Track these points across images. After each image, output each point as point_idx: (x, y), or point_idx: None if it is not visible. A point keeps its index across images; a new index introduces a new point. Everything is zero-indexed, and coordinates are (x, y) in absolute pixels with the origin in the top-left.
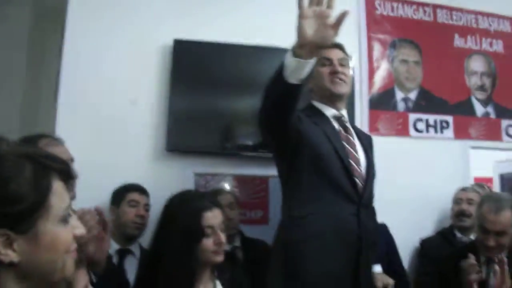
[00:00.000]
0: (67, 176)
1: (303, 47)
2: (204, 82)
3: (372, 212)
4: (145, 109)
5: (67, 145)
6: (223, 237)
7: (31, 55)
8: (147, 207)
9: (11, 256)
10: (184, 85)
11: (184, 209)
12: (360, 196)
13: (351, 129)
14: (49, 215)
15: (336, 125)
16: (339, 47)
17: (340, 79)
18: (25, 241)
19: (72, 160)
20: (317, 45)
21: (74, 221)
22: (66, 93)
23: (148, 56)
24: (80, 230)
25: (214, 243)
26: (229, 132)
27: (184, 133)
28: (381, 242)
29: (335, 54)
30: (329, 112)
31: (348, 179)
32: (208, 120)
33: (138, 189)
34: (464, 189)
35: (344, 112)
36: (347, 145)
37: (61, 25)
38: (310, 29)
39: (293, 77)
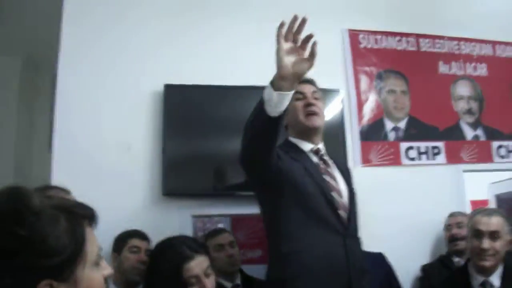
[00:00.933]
0: (94, 221)
1: (284, 79)
2: (196, 124)
3: (358, 241)
4: (140, 154)
5: None
6: (208, 282)
7: (22, 105)
8: (148, 252)
9: None
10: (177, 128)
11: (165, 262)
12: (345, 227)
13: (329, 161)
14: (86, 262)
15: (314, 159)
16: (310, 82)
17: (314, 112)
18: (67, 287)
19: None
20: (298, 76)
21: (103, 263)
22: (60, 142)
23: (140, 102)
24: (109, 270)
25: None
26: (223, 172)
27: (180, 176)
28: (379, 271)
29: (307, 89)
30: (306, 146)
31: (332, 212)
32: (202, 162)
33: (139, 235)
34: (452, 215)
35: (321, 145)
36: (327, 178)
37: (52, 74)
38: (289, 61)
39: (274, 111)
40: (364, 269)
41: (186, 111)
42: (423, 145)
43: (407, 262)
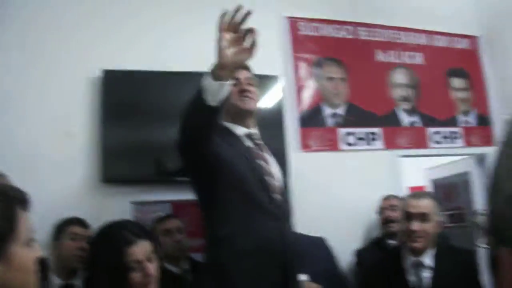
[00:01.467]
0: (26, 204)
1: (224, 68)
2: (135, 111)
3: (291, 224)
4: (78, 140)
5: None
6: (151, 267)
7: None
8: (88, 239)
9: None
10: (115, 115)
11: (106, 246)
12: (280, 210)
13: (263, 145)
14: (18, 240)
15: (248, 143)
16: (246, 68)
17: (248, 97)
18: (1, 265)
19: None
20: (236, 66)
21: (35, 245)
22: None
23: (78, 87)
24: (39, 252)
25: (142, 276)
26: (163, 159)
27: (119, 163)
28: (321, 255)
29: (242, 74)
30: (240, 130)
31: (266, 195)
32: (142, 149)
33: (78, 222)
34: (386, 198)
35: (254, 130)
36: (261, 162)
37: None
38: (229, 51)
39: (213, 99)
40: (299, 253)
41: (126, 97)
42: (361, 131)
43: (345, 246)
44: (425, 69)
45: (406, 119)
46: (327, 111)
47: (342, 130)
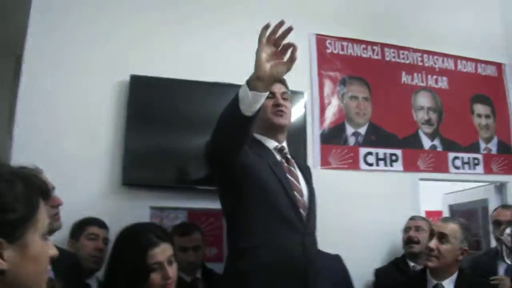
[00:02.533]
0: (48, 197)
1: (261, 80)
2: (160, 117)
3: (315, 240)
4: (102, 143)
5: None
6: (171, 271)
7: None
8: (106, 240)
9: (2, 264)
10: (140, 120)
11: (130, 247)
12: (304, 226)
13: (292, 160)
14: (37, 228)
15: (278, 156)
16: (282, 81)
17: (282, 111)
18: (15, 251)
19: (53, 188)
20: (274, 79)
21: (49, 242)
22: (21, 128)
23: (105, 91)
24: (54, 251)
25: (162, 278)
26: (184, 166)
27: (140, 167)
28: (335, 273)
29: (278, 88)
30: (271, 144)
31: (293, 210)
32: (163, 154)
33: (97, 222)
34: (412, 218)
35: (284, 144)
36: (290, 177)
37: (15, 58)
38: (268, 63)
39: (248, 110)
40: (319, 269)
41: (152, 103)
42: (381, 151)
43: (361, 266)
44: (449, 94)
45: (427, 142)
46: (349, 129)
47: (363, 150)
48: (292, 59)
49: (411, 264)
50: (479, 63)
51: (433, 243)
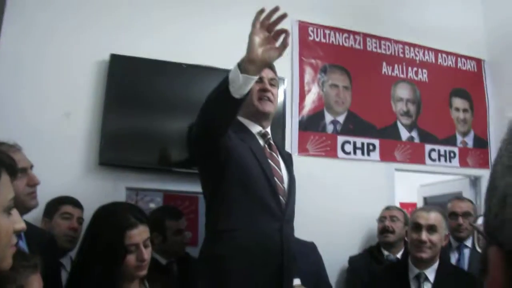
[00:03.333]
0: (13, 172)
1: (252, 63)
2: (139, 98)
3: (292, 227)
4: (79, 122)
5: None
6: (146, 253)
7: None
8: (80, 220)
9: None
10: (119, 100)
11: (108, 226)
12: (283, 212)
13: (274, 146)
14: None
15: (261, 141)
16: (271, 67)
17: (268, 98)
18: None
19: (32, 166)
20: (265, 63)
21: (16, 216)
22: None
23: (84, 70)
24: (21, 224)
25: (137, 259)
26: (162, 148)
27: (117, 147)
28: (309, 260)
29: (266, 73)
30: (255, 129)
31: (272, 196)
32: (141, 136)
33: (72, 201)
34: (388, 208)
35: (268, 130)
36: (271, 163)
37: None
38: (260, 48)
39: (237, 92)
40: (295, 255)
41: (131, 83)
42: (359, 140)
43: (335, 253)
44: (428, 86)
45: (405, 133)
46: (328, 117)
47: (341, 138)
48: (284, 45)
49: (386, 253)
50: (459, 58)
51: (424, 236)
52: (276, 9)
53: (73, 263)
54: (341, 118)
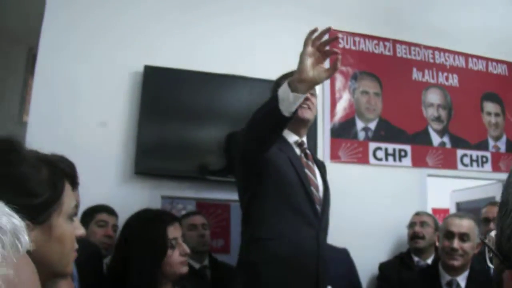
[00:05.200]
0: (74, 181)
1: (303, 82)
2: (173, 108)
3: (326, 236)
4: (115, 132)
5: None
6: (187, 247)
7: None
8: (115, 227)
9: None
10: (153, 110)
11: (149, 224)
12: (319, 221)
13: (310, 155)
14: (61, 211)
15: (297, 151)
16: None
17: (308, 106)
18: (40, 232)
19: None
20: (315, 83)
21: (76, 222)
22: (35, 115)
23: (119, 81)
24: (82, 230)
25: (180, 254)
26: (196, 156)
27: (152, 156)
28: (342, 266)
29: None
30: (291, 138)
31: (309, 205)
32: (176, 145)
33: (107, 209)
34: (417, 213)
35: (304, 139)
36: (308, 172)
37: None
38: (311, 68)
39: (285, 110)
40: (329, 265)
41: (164, 93)
42: (391, 146)
43: (366, 259)
44: (459, 91)
45: (436, 139)
46: (359, 124)
47: (372, 144)
48: (334, 68)
49: (416, 259)
50: (490, 61)
51: (457, 244)
52: (328, 29)
53: (109, 267)
54: (372, 125)
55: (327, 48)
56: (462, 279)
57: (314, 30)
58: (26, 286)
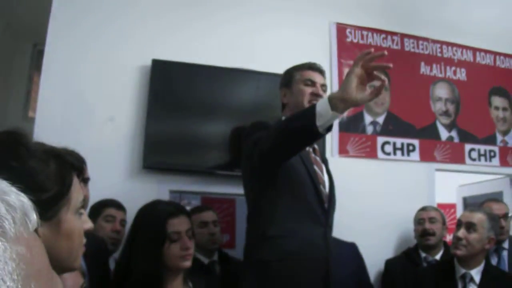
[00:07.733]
0: (83, 174)
1: (344, 102)
2: (181, 102)
3: (331, 232)
4: (123, 126)
5: None
6: (190, 243)
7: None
8: (123, 222)
9: None
10: (161, 104)
11: (150, 216)
12: (326, 219)
13: (318, 150)
14: (70, 206)
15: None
16: (323, 73)
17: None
18: (48, 227)
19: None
20: (355, 103)
21: (84, 216)
22: (42, 110)
23: (127, 75)
24: (89, 224)
25: (181, 248)
26: (203, 151)
27: (160, 151)
28: (352, 261)
29: (319, 79)
30: None
31: (318, 202)
32: (184, 139)
33: (114, 204)
34: (424, 209)
35: None
36: (316, 168)
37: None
38: (355, 88)
39: (321, 126)
40: (338, 259)
41: (172, 87)
42: (399, 141)
43: (373, 254)
44: (467, 85)
45: (444, 133)
46: (367, 118)
47: (380, 139)
48: (377, 93)
49: (423, 255)
50: (498, 56)
51: (461, 233)
52: (382, 54)
53: (117, 262)
54: (380, 119)
55: (375, 72)
56: (476, 273)
57: (368, 52)
58: (37, 261)
